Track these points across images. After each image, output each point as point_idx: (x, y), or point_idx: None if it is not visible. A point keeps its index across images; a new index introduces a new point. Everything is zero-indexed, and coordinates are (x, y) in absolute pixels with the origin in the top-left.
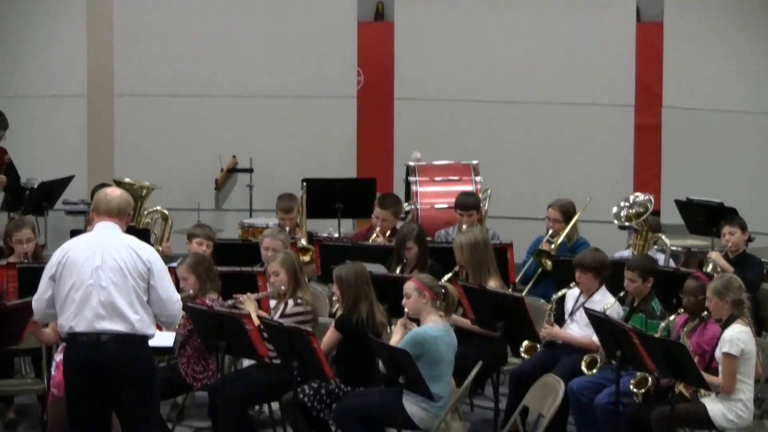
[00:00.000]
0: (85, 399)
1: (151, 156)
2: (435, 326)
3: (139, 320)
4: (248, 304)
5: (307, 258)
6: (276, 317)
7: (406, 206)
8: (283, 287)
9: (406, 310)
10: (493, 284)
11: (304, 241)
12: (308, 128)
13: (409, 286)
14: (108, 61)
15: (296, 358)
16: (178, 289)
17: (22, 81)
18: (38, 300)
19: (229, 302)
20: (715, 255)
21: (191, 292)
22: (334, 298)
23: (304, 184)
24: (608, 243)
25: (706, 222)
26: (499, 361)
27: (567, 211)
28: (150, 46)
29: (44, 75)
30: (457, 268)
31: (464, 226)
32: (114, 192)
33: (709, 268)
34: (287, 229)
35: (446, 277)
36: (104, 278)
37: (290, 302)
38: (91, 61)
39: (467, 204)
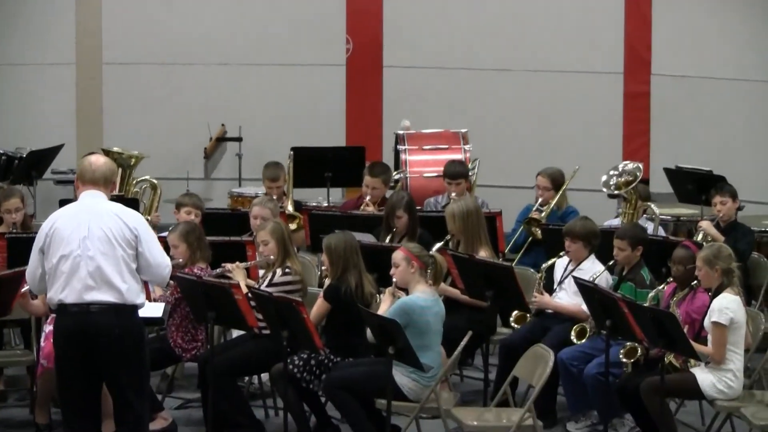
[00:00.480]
0: (75, 370)
1: (140, 125)
2: (423, 295)
3: (127, 289)
4: (237, 273)
5: (293, 226)
6: (263, 286)
7: (395, 175)
8: (272, 256)
9: (394, 279)
10: (484, 254)
11: (290, 208)
12: (297, 96)
13: (398, 256)
14: (97, 29)
15: (286, 329)
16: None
17: (10, 49)
18: (31, 273)
19: (218, 270)
20: (705, 224)
21: (181, 260)
22: (323, 268)
23: (292, 152)
24: (598, 211)
25: (695, 190)
26: (489, 331)
27: (556, 179)
28: (139, 14)
29: (33, 43)
30: (448, 237)
31: (453, 195)
32: (98, 160)
33: (700, 236)
34: (274, 197)
35: (437, 246)
36: (92, 248)
37: (278, 271)
38: (80, 29)
39: (455, 173)
